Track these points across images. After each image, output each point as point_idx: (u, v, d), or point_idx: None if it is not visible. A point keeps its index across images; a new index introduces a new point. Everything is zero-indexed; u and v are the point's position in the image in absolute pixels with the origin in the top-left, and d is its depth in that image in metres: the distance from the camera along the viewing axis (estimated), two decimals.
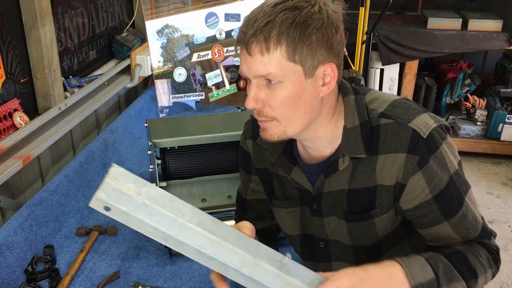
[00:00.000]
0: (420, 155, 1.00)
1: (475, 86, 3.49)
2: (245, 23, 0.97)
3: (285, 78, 0.95)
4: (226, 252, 0.83)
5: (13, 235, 1.41)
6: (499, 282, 2.50)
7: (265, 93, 0.97)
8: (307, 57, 0.94)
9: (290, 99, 0.97)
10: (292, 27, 0.92)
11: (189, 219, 0.82)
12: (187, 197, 1.72)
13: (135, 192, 0.80)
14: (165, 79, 2.26)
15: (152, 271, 1.44)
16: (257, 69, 0.95)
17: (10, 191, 1.62)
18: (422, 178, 1.01)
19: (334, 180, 1.08)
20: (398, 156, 1.01)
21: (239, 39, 0.97)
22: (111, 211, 0.80)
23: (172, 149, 1.72)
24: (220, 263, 0.83)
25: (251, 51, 0.94)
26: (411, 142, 1.00)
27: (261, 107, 0.99)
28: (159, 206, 0.81)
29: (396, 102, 1.06)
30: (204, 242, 0.83)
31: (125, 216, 0.81)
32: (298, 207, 1.17)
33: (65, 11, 1.89)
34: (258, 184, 1.26)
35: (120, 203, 0.80)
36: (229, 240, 0.83)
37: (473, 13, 3.46)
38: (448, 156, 1.02)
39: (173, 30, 2.25)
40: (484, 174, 3.42)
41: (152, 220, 0.81)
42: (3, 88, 1.57)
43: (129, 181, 0.81)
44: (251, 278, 0.84)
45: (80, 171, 1.76)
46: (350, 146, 1.04)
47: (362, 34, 3.08)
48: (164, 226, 0.81)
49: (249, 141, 1.24)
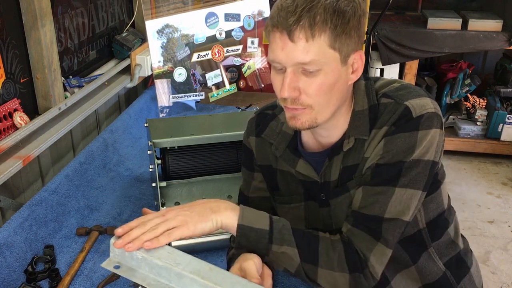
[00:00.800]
0: (396, 127, 0.99)
1: (475, 86, 3.49)
2: (281, 7, 0.94)
3: (325, 66, 0.95)
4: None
5: (13, 235, 1.41)
6: (499, 282, 2.50)
7: (302, 81, 0.97)
8: (344, 44, 0.95)
9: (328, 86, 0.97)
10: (335, 14, 0.92)
11: (183, 267, 0.87)
12: (187, 197, 1.72)
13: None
14: (165, 79, 2.26)
15: None
16: (298, 57, 0.94)
17: (10, 191, 1.62)
18: (383, 145, 1.00)
19: (335, 162, 1.09)
20: (382, 130, 1.02)
21: (277, 24, 0.94)
22: (120, 269, 0.90)
23: (172, 149, 1.72)
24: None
25: (294, 38, 0.93)
26: (399, 117, 1.00)
27: (296, 95, 0.98)
28: (155, 258, 0.89)
29: (402, 86, 1.07)
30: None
31: (131, 271, 0.90)
32: (302, 202, 1.17)
33: (65, 11, 1.89)
34: (261, 182, 1.26)
35: (124, 258, 0.90)
36: (223, 285, 0.85)
37: (473, 13, 3.46)
38: (421, 145, 0.99)
39: (173, 30, 2.25)
40: (484, 174, 3.42)
41: (152, 272, 0.89)
42: (3, 88, 1.57)
43: None
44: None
45: (80, 171, 1.76)
46: (356, 128, 1.05)
47: None
48: (163, 276, 0.88)
49: (252, 138, 1.24)
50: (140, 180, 1.90)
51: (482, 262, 2.61)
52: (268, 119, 1.21)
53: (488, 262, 2.63)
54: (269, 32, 0.98)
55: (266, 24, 1.00)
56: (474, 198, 3.17)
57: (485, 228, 2.90)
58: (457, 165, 3.51)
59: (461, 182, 3.32)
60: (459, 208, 3.03)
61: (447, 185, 1.18)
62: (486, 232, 2.86)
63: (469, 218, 2.98)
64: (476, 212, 3.03)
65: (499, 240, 2.80)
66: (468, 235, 2.79)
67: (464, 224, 2.90)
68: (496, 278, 2.52)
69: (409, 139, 0.99)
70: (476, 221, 2.96)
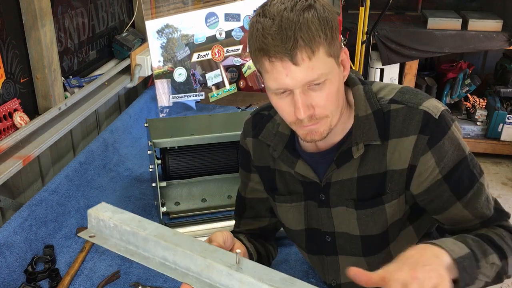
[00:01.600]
0: (430, 135, 1.01)
1: (475, 86, 3.49)
2: (265, 35, 0.92)
3: (330, 75, 0.97)
4: (181, 257, 0.88)
5: (13, 235, 1.41)
6: None
7: (311, 97, 0.97)
8: (335, 48, 0.97)
9: (336, 92, 0.99)
10: (321, 24, 0.93)
11: (149, 232, 0.91)
12: (187, 197, 1.72)
13: (108, 217, 0.95)
14: (165, 79, 2.26)
15: (152, 271, 1.44)
16: (305, 76, 0.94)
17: (10, 191, 1.62)
18: (432, 158, 1.01)
19: (343, 169, 1.09)
20: (409, 139, 1.02)
21: (274, 54, 0.92)
22: (95, 238, 0.96)
23: (172, 149, 1.72)
24: (181, 272, 0.88)
25: (298, 60, 0.92)
26: (423, 124, 1.01)
27: (312, 112, 0.98)
28: (125, 225, 0.92)
29: (403, 89, 1.08)
30: (164, 252, 0.89)
31: (104, 240, 0.95)
32: (302, 201, 1.17)
33: (65, 11, 1.89)
34: (258, 183, 1.26)
35: (99, 228, 0.96)
36: (183, 245, 0.88)
37: (473, 13, 3.46)
38: (460, 137, 1.04)
39: (173, 30, 2.25)
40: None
41: (122, 239, 0.93)
42: (3, 88, 1.57)
43: (107, 210, 0.97)
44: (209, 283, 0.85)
45: (80, 171, 1.76)
46: (364, 134, 1.05)
47: (362, 34, 3.09)
48: (132, 242, 0.92)
49: (249, 139, 1.24)
50: (140, 180, 1.90)
51: None
52: (264, 120, 1.21)
53: None
54: (262, 64, 0.96)
55: (253, 55, 0.97)
56: None
57: None
58: None
59: None
60: None
61: None
62: None
63: None
64: None
65: None
66: None
67: None
68: None
69: (450, 139, 1.01)
70: None
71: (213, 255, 0.87)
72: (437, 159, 1.01)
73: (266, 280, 0.81)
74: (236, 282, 0.83)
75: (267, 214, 1.29)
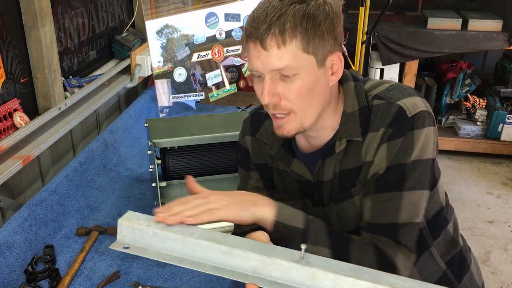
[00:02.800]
0: (394, 128, 1.00)
1: (475, 86, 3.49)
2: (253, 18, 0.97)
3: (301, 70, 0.97)
4: (240, 259, 0.84)
5: (13, 235, 1.41)
6: (499, 282, 2.50)
7: (280, 86, 0.99)
8: (318, 47, 0.97)
9: (306, 90, 0.99)
10: (304, 19, 0.95)
11: (198, 236, 0.87)
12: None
13: (145, 225, 0.89)
14: (165, 79, 2.26)
15: (152, 271, 1.44)
16: (273, 63, 0.96)
17: (10, 191, 1.62)
18: (385, 151, 1.01)
19: (330, 165, 1.09)
20: (379, 132, 1.02)
21: (250, 34, 0.97)
22: (130, 249, 0.89)
23: (172, 149, 1.72)
24: (240, 274, 0.84)
25: (267, 46, 0.95)
26: (394, 118, 1.01)
27: (277, 101, 1.00)
28: (168, 232, 0.88)
29: (392, 86, 1.08)
30: (217, 255, 0.85)
31: (142, 250, 0.89)
32: (299, 200, 1.18)
33: (65, 11, 1.89)
34: (258, 181, 1.27)
35: (134, 238, 0.90)
36: (240, 247, 0.85)
37: (473, 13, 3.46)
38: (418, 144, 1.00)
39: (173, 30, 2.25)
40: (484, 174, 3.42)
41: (165, 247, 0.88)
42: (3, 88, 1.57)
43: (139, 218, 0.92)
44: (275, 281, 0.83)
45: (80, 171, 1.76)
46: (348, 130, 1.06)
47: (362, 34, 3.08)
48: (177, 249, 0.88)
49: (247, 138, 1.24)
50: (140, 180, 1.90)
51: (482, 262, 2.61)
52: (262, 118, 1.22)
53: (488, 262, 2.63)
54: (245, 44, 1.00)
55: (242, 36, 1.03)
56: (474, 198, 3.17)
57: (485, 228, 2.90)
58: (457, 165, 3.51)
59: (461, 182, 3.32)
60: (459, 208, 3.03)
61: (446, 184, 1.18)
62: (486, 232, 2.86)
63: (469, 218, 2.98)
64: (476, 212, 3.03)
65: (499, 240, 2.80)
66: (468, 235, 2.79)
67: (464, 224, 2.90)
68: (496, 278, 2.52)
69: (406, 140, 0.99)
70: (476, 221, 2.95)
71: (274, 253, 0.85)
72: (388, 154, 1.00)
73: (337, 270, 0.80)
74: (307, 276, 0.82)
75: None
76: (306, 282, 0.81)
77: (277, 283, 0.83)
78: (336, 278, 0.79)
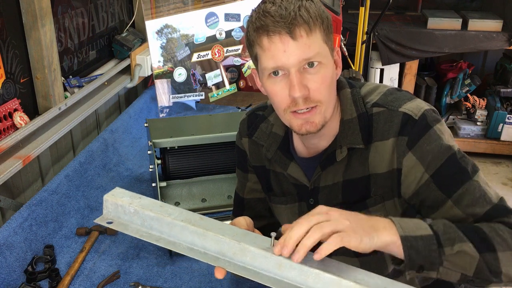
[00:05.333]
0: (408, 135, 1.00)
1: (475, 86, 3.49)
2: (266, 15, 0.95)
3: (324, 58, 0.98)
4: (212, 242, 0.86)
5: (13, 235, 1.41)
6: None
7: (306, 78, 0.97)
8: (330, 38, 1.00)
9: (329, 79, 1.00)
10: (319, 11, 0.97)
11: (175, 217, 0.89)
12: (187, 197, 1.72)
13: (128, 203, 0.92)
14: (165, 79, 2.26)
15: (152, 271, 1.44)
16: (302, 53, 0.95)
17: (10, 191, 1.62)
18: (414, 158, 1.00)
19: (330, 172, 1.09)
20: (389, 142, 1.02)
21: (273, 29, 0.94)
22: (113, 224, 0.92)
23: (172, 149, 1.72)
24: (211, 256, 0.87)
25: (296, 35, 0.94)
26: (402, 125, 1.01)
27: (307, 93, 0.98)
28: (148, 210, 0.90)
29: (388, 92, 1.08)
30: (192, 236, 0.88)
31: (123, 226, 0.92)
32: (296, 203, 1.18)
33: (65, 11, 1.89)
34: (256, 183, 1.26)
35: (117, 214, 0.93)
36: (213, 230, 0.87)
37: (473, 13, 3.46)
38: (444, 136, 1.00)
39: (173, 30, 2.25)
40: (484, 174, 3.41)
41: (144, 225, 0.91)
42: (3, 88, 1.57)
43: (124, 195, 0.94)
44: (244, 266, 0.85)
45: (80, 171, 1.76)
46: (347, 137, 1.05)
47: (362, 34, 3.08)
48: (155, 228, 0.90)
49: (245, 139, 1.24)
50: (140, 180, 1.90)
51: None
52: (258, 120, 1.21)
53: None
54: (260, 43, 0.97)
55: (251, 37, 0.99)
56: None
57: None
58: None
59: None
60: None
61: None
62: None
63: None
64: None
65: None
66: None
67: None
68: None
69: (430, 137, 0.99)
70: None
71: (245, 239, 0.86)
72: (420, 159, 1.00)
73: (305, 261, 0.81)
74: (273, 265, 0.83)
75: (267, 214, 1.29)
76: (273, 270, 0.83)
77: (246, 268, 0.85)
78: (301, 268, 0.81)
